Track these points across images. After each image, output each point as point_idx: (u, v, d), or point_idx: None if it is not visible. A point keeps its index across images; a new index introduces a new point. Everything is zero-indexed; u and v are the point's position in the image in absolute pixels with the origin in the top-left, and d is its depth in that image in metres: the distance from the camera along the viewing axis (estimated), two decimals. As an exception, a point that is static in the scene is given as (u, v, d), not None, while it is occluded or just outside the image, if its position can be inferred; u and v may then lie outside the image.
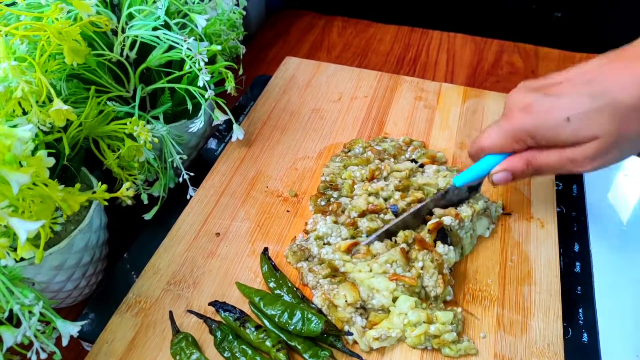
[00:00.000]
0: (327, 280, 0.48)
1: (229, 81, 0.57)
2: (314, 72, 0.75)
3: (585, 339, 0.47)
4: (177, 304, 0.48)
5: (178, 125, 0.57)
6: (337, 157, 0.61)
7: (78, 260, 0.47)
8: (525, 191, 0.59)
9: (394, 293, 0.46)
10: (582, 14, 0.88)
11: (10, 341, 0.36)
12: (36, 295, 0.37)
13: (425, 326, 0.44)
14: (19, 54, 0.43)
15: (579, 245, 0.55)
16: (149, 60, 0.53)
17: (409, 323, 0.45)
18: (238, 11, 0.62)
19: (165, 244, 0.53)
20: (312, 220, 0.54)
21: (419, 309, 0.45)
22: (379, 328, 0.45)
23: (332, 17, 0.97)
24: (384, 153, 0.61)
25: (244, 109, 0.70)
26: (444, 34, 0.92)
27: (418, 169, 0.58)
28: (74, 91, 0.51)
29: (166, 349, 0.45)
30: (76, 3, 0.43)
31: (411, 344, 0.45)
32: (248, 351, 0.44)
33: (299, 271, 0.51)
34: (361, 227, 0.52)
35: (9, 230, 0.38)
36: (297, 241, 0.52)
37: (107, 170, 0.53)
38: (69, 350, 0.50)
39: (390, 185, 0.55)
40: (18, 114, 0.41)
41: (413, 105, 0.70)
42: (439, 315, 0.45)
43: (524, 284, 0.50)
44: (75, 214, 0.48)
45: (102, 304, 0.49)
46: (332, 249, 0.50)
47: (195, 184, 0.58)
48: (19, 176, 0.34)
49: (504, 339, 0.46)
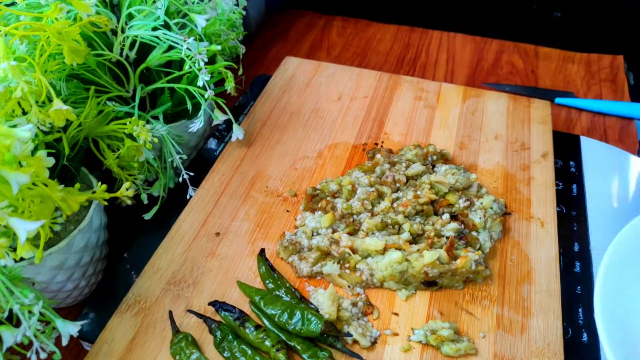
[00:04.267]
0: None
1: (229, 81, 0.57)
2: (313, 72, 0.75)
3: (585, 339, 0.47)
4: (176, 303, 0.48)
5: (178, 125, 0.57)
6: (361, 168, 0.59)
7: (78, 260, 0.47)
8: (525, 191, 0.59)
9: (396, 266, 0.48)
10: (582, 14, 0.88)
11: (10, 341, 0.36)
12: (36, 295, 0.37)
13: (405, 264, 0.48)
14: (18, 54, 0.43)
15: (579, 245, 0.55)
16: (148, 60, 0.53)
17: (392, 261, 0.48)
18: (238, 11, 0.62)
19: (165, 244, 0.53)
20: (300, 216, 0.55)
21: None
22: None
23: (331, 16, 0.97)
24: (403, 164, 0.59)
25: (243, 109, 0.70)
26: (444, 33, 0.92)
27: (429, 169, 0.59)
28: (73, 91, 0.51)
29: (166, 348, 0.45)
30: (76, 3, 0.43)
31: (387, 275, 0.48)
32: (248, 351, 0.44)
33: (291, 265, 0.51)
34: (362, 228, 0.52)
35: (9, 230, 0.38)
36: (287, 237, 0.53)
37: (107, 170, 0.53)
38: (69, 350, 0.50)
39: (409, 194, 0.55)
40: (18, 114, 0.41)
41: (413, 105, 0.70)
42: (425, 255, 0.47)
43: (524, 284, 0.50)
44: (75, 214, 0.48)
45: (102, 304, 0.49)
46: (324, 236, 0.52)
47: (195, 184, 0.58)
48: (18, 176, 0.34)
49: (504, 338, 0.46)
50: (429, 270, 0.47)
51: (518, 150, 0.63)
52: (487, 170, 0.61)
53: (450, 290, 0.50)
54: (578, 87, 0.81)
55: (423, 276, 0.48)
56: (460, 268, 0.48)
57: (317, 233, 0.53)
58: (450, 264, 0.48)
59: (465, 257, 0.48)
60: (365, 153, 0.63)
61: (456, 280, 0.49)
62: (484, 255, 0.51)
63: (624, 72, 0.83)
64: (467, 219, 0.53)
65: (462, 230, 0.52)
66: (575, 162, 0.63)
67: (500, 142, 0.64)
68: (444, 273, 0.48)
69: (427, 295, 0.49)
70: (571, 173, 0.62)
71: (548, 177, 0.60)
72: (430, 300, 0.49)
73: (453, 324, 0.46)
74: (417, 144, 0.62)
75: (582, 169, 0.62)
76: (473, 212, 0.54)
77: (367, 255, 0.50)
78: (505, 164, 0.62)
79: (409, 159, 0.60)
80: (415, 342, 0.46)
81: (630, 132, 0.73)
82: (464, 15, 0.94)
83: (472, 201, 0.54)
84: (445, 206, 0.54)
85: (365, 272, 0.49)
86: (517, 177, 0.60)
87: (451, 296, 0.49)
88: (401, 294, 0.49)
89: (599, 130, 0.73)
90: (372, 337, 0.46)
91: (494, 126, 0.66)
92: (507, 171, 0.61)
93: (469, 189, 0.57)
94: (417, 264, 0.48)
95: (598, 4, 0.86)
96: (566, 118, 0.75)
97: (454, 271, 0.48)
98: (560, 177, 0.62)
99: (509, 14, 0.92)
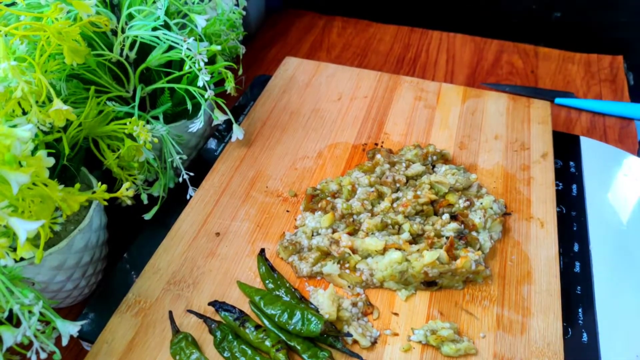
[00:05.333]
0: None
1: (229, 81, 0.57)
2: (313, 72, 0.75)
3: (585, 339, 0.47)
4: (176, 303, 0.48)
5: (178, 125, 0.57)
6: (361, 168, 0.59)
7: (78, 260, 0.47)
8: (525, 191, 0.59)
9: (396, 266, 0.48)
10: (582, 14, 0.88)
11: (10, 341, 0.36)
12: (36, 295, 0.37)
13: (404, 264, 0.48)
14: (18, 54, 0.43)
15: (579, 245, 0.55)
16: (148, 60, 0.53)
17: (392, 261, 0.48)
18: (238, 11, 0.62)
19: (165, 244, 0.53)
20: (300, 216, 0.55)
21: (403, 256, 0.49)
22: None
23: (332, 17, 0.97)
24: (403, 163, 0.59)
25: (243, 109, 0.70)
26: (444, 34, 0.92)
27: (429, 169, 0.59)
28: (73, 91, 0.51)
29: (166, 348, 0.45)
30: (76, 3, 0.43)
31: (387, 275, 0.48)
32: (248, 351, 0.44)
33: (291, 265, 0.51)
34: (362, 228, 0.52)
35: (9, 230, 0.38)
36: (287, 237, 0.53)
37: (107, 170, 0.53)
38: (69, 350, 0.50)
39: (409, 194, 0.55)
40: (18, 114, 0.41)
41: (413, 105, 0.70)
42: (425, 255, 0.47)
43: (524, 284, 0.50)
44: (75, 214, 0.48)
45: (102, 304, 0.49)
46: (324, 236, 0.52)
47: (195, 184, 0.58)
48: (18, 176, 0.34)
49: (504, 338, 0.46)
50: (429, 270, 0.47)
51: (518, 151, 0.63)
52: (487, 170, 0.61)
53: (450, 290, 0.50)
54: (578, 88, 0.81)
55: (423, 276, 0.48)
56: (460, 268, 0.48)
57: (317, 233, 0.53)
58: (450, 264, 0.48)
59: (465, 257, 0.48)
60: (365, 153, 0.63)
61: (456, 280, 0.49)
62: (484, 255, 0.51)
63: (624, 72, 0.83)
64: (467, 219, 0.53)
65: (462, 231, 0.52)
66: (575, 162, 0.63)
67: (500, 142, 0.64)
68: (444, 273, 0.48)
69: (427, 295, 0.49)
70: (571, 173, 0.62)
71: (548, 177, 0.60)
72: (430, 300, 0.49)
73: (453, 324, 0.46)
74: (417, 144, 0.62)
75: (582, 169, 0.62)
76: (473, 212, 0.54)
77: (367, 255, 0.50)
78: (505, 164, 0.62)
79: (409, 159, 0.60)
80: (415, 342, 0.46)
81: (630, 132, 0.73)
82: (464, 15, 0.94)
83: (472, 201, 0.54)
84: (445, 206, 0.54)
85: (365, 272, 0.49)
86: (517, 177, 0.60)
87: (451, 296, 0.49)
88: (401, 294, 0.49)
89: (599, 131, 0.73)
90: (372, 337, 0.46)
91: (494, 126, 0.66)
92: (507, 171, 0.61)
93: (469, 189, 0.57)
94: (417, 264, 0.48)
95: (598, 4, 0.86)
96: (566, 118, 0.75)
97: (454, 271, 0.48)
98: (560, 177, 0.62)
99: (509, 14, 0.92)
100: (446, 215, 0.53)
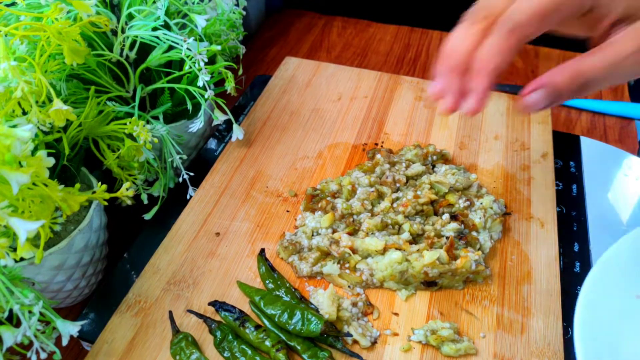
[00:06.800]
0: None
1: (229, 81, 0.57)
2: (313, 72, 0.75)
3: (585, 339, 0.47)
4: (176, 303, 0.48)
5: (178, 125, 0.57)
6: (361, 168, 0.59)
7: (78, 261, 0.47)
8: (525, 191, 0.59)
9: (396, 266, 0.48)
10: (582, 13, 0.88)
11: (10, 341, 0.36)
12: (36, 295, 0.37)
13: (404, 264, 0.48)
14: (18, 54, 0.43)
15: (579, 245, 0.55)
16: (148, 60, 0.53)
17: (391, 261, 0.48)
18: (238, 11, 0.62)
19: (165, 244, 0.53)
20: (300, 216, 0.55)
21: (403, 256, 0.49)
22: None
23: (332, 17, 0.97)
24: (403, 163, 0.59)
25: (243, 109, 0.70)
26: (444, 34, 0.92)
27: (429, 169, 0.59)
28: (73, 91, 0.51)
29: (166, 348, 0.45)
30: (76, 3, 0.43)
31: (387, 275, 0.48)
32: (248, 351, 0.44)
33: (291, 265, 0.51)
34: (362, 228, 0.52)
35: (9, 230, 0.38)
36: (287, 237, 0.53)
37: (107, 170, 0.53)
38: (69, 350, 0.50)
39: (409, 194, 0.54)
40: (18, 114, 0.41)
41: (413, 105, 0.70)
42: (425, 255, 0.48)
43: (524, 284, 0.50)
44: (75, 214, 0.48)
45: (102, 304, 0.49)
46: (324, 236, 0.52)
47: (195, 184, 0.58)
48: (18, 176, 0.34)
49: (504, 338, 0.46)
50: (429, 270, 0.47)
51: (518, 150, 0.63)
52: (487, 170, 0.61)
53: (450, 290, 0.50)
54: (578, 87, 0.81)
55: (423, 276, 0.48)
56: (460, 268, 0.48)
57: (317, 233, 0.53)
58: (450, 264, 0.48)
59: (465, 257, 0.48)
60: (365, 153, 0.63)
61: (456, 280, 0.49)
62: (484, 255, 0.51)
63: (624, 72, 0.83)
64: (467, 219, 0.53)
65: (462, 230, 0.52)
66: (575, 162, 0.63)
67: (500, 142, 0.64)
68: (444, 273, 0.48)
69: (427, 295, 0.49)
70: (571, 173, 0.62)
71: (548, 177, 0.60)
72: (430, 300, 0.49)
73: (453, 324, 0.46)
74: (417, 144, 0.62)
75: (582, 169, 0.62)
76: (473, 212, 0.54)
77: (367, 255, 0.50)
78: (505, 164, 0.62)
79: (409, 159, 0.60)
80: (415, 342, 0.46)
81: (630, 132, 0.73)
82: (464, 15, 0.94)
83: (472, 201, 0.54)
84: (445, 206, 0.54)
85: (365, 272, 0.49)
86: (517, 177, 0.60)
87: (451, 296, 0.49)
88: (401, 294, 0.49)
89: (599, 130, 0.73)
90: (372, 337, 0.46)
91: (494, 126, 0.66)
92: (507, 171, 0.61)
93: (469, 189, 0.57)
94: (417, 264, 0.48)
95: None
96: (566, 118, 0.75)
97: (454, 271, 0.48)
98: (560, 177, 0.62)
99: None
100: (446, 215, 0.53)
